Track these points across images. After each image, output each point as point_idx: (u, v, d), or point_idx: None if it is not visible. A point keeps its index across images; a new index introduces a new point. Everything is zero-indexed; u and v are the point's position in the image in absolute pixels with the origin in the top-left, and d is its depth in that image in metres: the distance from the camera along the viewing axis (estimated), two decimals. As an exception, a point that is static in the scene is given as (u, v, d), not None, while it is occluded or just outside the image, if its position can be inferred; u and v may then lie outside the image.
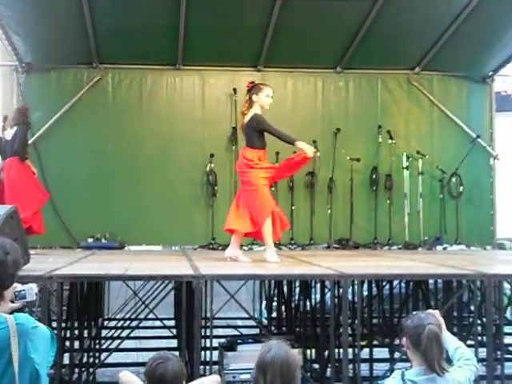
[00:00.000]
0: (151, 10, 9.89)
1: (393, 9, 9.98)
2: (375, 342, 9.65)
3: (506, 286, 8.48)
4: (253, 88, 7.78)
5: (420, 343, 3.75)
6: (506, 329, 9.10)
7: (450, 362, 4.08)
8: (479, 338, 7.18)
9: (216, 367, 6.99)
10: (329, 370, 7.43)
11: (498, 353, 7.05)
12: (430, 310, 4.21)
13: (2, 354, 2.98)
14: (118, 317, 11.14)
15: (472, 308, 8.37)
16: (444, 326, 4.09)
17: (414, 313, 4.07)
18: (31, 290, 3.38)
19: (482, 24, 10.18)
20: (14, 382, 2.95)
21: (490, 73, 11.92)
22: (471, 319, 8.70)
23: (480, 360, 6.37)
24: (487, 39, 10.69)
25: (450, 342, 4.13)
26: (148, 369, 3.93)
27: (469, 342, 7.90)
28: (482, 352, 6.31)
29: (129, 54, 10.93)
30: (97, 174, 11.09)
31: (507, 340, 8.93)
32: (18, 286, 3.36)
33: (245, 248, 10.94)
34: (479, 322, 7.67)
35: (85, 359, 8.78)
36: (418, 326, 3.81)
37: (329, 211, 11.31)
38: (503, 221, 12.43)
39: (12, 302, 3.28)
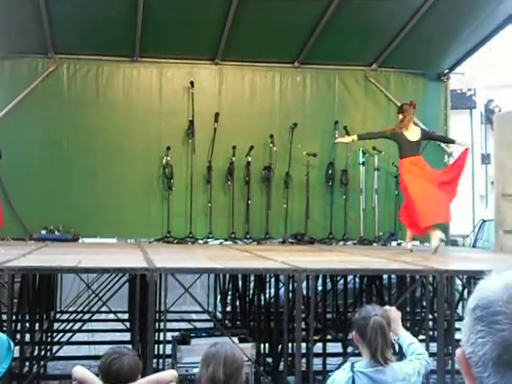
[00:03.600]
0: (108, 0, 9.80)
1: (351, 5, 10.04)
2: (328, 337, 9.71)
3: (458, 281, 8.58)
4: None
5: (366, 334, 3.80)
6: (457, 324, 9.19)
7: (405, 357, 4.14)
8: (431, 332, 7.27)
9: (169, 360, 6.96)
10: (282, 363, 7.45)
11: (449, 348, 7.14)
12: (387, 307, 4.26)
13: None
14: (70, 309, 11.04)
15: (424, 303, 8.45)
16: (399, 323, 4.15)
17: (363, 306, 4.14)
18: None
19: (438, 22, 10.28)
20: None
21: (446, 70, 12.04)
22: (423, 314, 8.78)
23: (431, 354, 6.46)
24: (443, 37, 10.80)
25: (405, 338, 4.21)
26: (103, 364, 3.89)
27: (420, 337, 8.00)
28: (433, 347, 6.38)
29: (85, 45, 10.82)
30: (51, 165, 10.95)
31: (458, 335, 9.03)
32: None
33: (200, 242, 10.96)
34: (431, 317, 7.76)
35: (36, 352, 8.69)
36: (364, 317, 3.88)
37: (285, 206, 11.32)
38: (456, 218, 12.56)
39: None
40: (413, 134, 9.25)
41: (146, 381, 4.09)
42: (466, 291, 9.94)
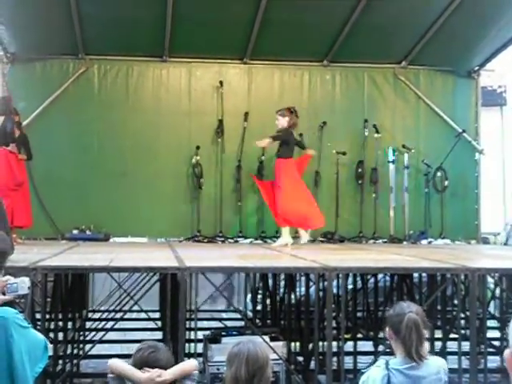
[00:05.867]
0: (138, 0, 9.86)
1: (380, 3, 9.99)
2: (359, 335, 9.68)
3: (490, 280, 8.53)
4: None
5: (400, 331, 3.78)
6: (489, 323, 9.13)
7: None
8: (463, 331, 7.21)
9: (200, 359, 6.98)
10: (313, 362, 7.44)
11: (482, 346, 7.09)
12: None
13: None
14: (102, 308, 11.11)
15: (456, 302, 8.41)
16: None
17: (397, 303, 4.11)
18: (23, 284, 3.36)
19: (468, 19, 10.20)
20: None
21: (476, 67, 11.94)
22: (455, 313, 8.73)
23: (463, 353, 6.43)
24: (473, 34, 10.71)
25: None
26: (140, 358, 3.93)
27: (452, 336, 7.96)
28: (466, 346, 6.34)
29: (115, 46, 10.89)
30: (82, 165, 11.04)
31: (490, 334, 8.97)
32: (10, 279, 3.33)
33: (230, 240, 10.98)
34: (463, 315, 7.71)
35: (69, 351, 8.77)
36: (398, 314, 3.85)
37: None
38: (488, 215, 12.48)
39: (3, 294, 3.26)
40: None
41: (176, 371, 4.12)
42: (498, 289, 9.87)
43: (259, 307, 11.25)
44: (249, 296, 12.07)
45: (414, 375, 3.79)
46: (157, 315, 10.98)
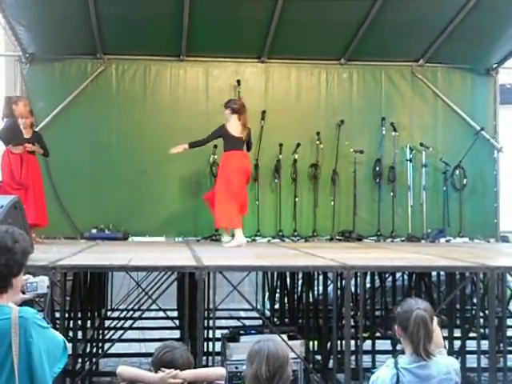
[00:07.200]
0: (155, 0, 9.89)
1: (397, 1, 9.97)
2: (377, 334, 9.66)
3: (509, 278, 8.48)
4: None
5: (408, 327, 3.76)
6: (509, 321, 9.08)
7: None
8: (482, 330, 7.19)
9: (218, 358, 7.00)
10: (331, 361, 7.45)
11: (501, 345, 7.06)
12: None
13: (2, 343, 2.97)
14: (121, 307, 11.17)
15: (475, 300, 8.38)
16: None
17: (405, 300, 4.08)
18: (43, 283, 3.38)
19: (486, 16, 10.15)
20: (14, 374, 2.95)
21: (495, 65, 11.87)
22: (474, 312, 8.70)
23: (482, 352, 6.41)
24: (492, 31, 10.65)
25: None
26: (156, 357, 3.96)
27: (471, 335, 7.93)
28: (485, 344, 6.32)
29: (133, 45, 10.93)
30: (100, 164, 11.10)
31: (510, 332, 8.93)
32: (30, 278, 3.36)
33: (247, 239, 10.97)
34: (482, 314, 7.68)
35: (88, 349, 8.82)
36: (406, 311, 3.82)
37: (332, 203, 11.29)
38: (507, 213, 12.41)
39: (23, 293, 3.28)
40: (237, 130, 9.49)
41: (194, 373, 4.12)
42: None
43: (277, 306, 11.26)
44: (267, 295, 12.09)
45: (423, 374, 3.76)
46: (175, 314, 11.01)
